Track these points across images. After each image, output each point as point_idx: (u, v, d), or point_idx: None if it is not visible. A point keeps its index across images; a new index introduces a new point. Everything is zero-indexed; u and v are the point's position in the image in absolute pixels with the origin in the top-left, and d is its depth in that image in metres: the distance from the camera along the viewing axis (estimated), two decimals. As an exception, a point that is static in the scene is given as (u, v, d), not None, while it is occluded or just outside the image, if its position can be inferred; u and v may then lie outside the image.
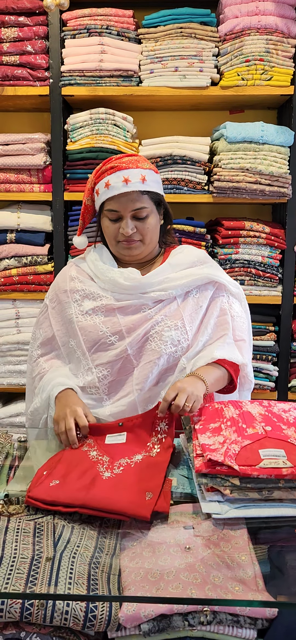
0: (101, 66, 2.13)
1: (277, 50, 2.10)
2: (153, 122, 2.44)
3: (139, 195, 1.37)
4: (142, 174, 1.37)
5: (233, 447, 1.04)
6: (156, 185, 1.42)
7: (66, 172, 2.23)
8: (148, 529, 0.97)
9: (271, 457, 1.00)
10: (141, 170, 1.38)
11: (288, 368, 2.32)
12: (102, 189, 1.40)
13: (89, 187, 1.47)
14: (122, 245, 1.42)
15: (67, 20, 2.16)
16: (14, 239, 2.26)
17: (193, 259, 1.47)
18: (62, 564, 0.86)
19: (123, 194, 1.36)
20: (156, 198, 1.43)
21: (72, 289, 1.46)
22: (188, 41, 2.11)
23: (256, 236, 2.20)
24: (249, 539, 0.93)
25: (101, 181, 1.40)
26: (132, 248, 1.42)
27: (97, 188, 1.42)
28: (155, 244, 1.48)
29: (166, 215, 1.51)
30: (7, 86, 2.17)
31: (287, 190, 2.14)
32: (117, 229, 1.40)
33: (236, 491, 0.98)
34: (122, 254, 1.45)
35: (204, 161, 2.17)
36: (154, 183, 1.41)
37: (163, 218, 1.49)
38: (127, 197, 1.36)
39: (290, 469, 0.98)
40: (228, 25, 2.09)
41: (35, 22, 2.14)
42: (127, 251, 1.43)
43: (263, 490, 0.98)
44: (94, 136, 2.17)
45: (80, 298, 1.44)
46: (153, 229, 1.42)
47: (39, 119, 2.46)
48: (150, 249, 1.46)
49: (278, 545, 0.97)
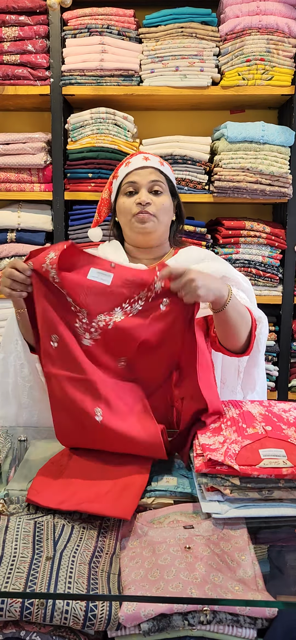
0: (102, 66, 2.13)
1: (278, 50, 2.10)
2: (154, 121, 2.44)
3: (157, 172, 1.45)
4: (160, 160, 1.48)
5: (233, 446, 1.04)
6: (171, 176, 1.50)
7: (66, 172, 2.23)
8: (149, 528, 0.97)
9: (272, 457, 1.00)
10: (159, 158, 1.50)
11: (288, 368, 2.32)
12: (121, 170, 1.47)
13: (109, 181, 1.53)
14: (137, 219, 1.42)
15: (68, 19, 2.16)
16: (15, 239, 2.26)
17: (202, 256, 1.47)
18: (62, 563, 0.86)
19: (142, 168, 1.43)
20: (171, 186, 1.49)
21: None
22: (189, 41, 2.11)
23: (257, 236, 2.20)
24: (249, 538, 0.93)
25: (121, 166, 1.49)
26: (146, 223, 1.41)
27: (117, 173, 1.49)
28: (166, 230, 1.48)
29: (178, 214, 1.54)
30: (8, 85, 2.17)
31: (288, 190, 2.14)
32: (132, 202, 1.43)
33: (236, 491, 0.98)
34: (135, 232, 1.43)
35: (205, 161, 2.17)
36: (170, 173, 1.50)
37: (176, 215, 1.53)
38: (146, 170, 1.43)
39: (290, 469, 0.97)
40: (229, 24, 2.09)
41: (35, 21, 2.14)
42: (141, 225, 1.41)
43: (263, 490, 0.98)
44: (95, 136, 2.17)
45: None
46: (166, 209, 1.45)
47: (39, 119, 2.46)
48: (161, 231, 1.46)
49: (278, 545, 0.97)
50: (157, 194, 1.43)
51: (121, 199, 1.46)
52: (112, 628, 0.78)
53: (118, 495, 1.04)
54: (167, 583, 0.83)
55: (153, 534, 0.95)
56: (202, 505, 0.98)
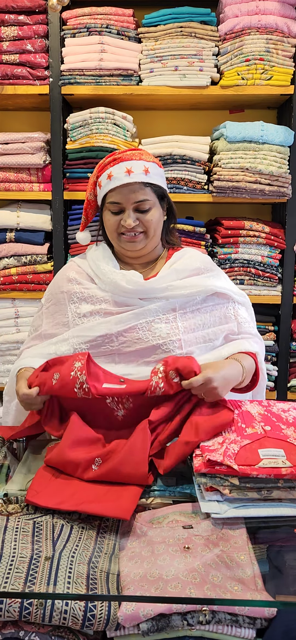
0: (101, 65, 2.13)
1: (277, 50, 2.10)
2: (153, 121, 2.44)
3: (142, 187, 1.35)
4: (145, 166, 1.36)
5: (233, 446, 1.04)
6: (159, 178, 1.40)
7: (66, 171, 2.23)
8: (148, 528, 0.97)
9: (271, 457, 1.00)
10: (144, 162, 1.37)
11: (287, 368, 2.32)
12: (104, 181, 1.38)
13: (92, 181, 1.45)
14: (124, 238, 1.38)
15: (67, 19, 2.16)
16: (14, 238, 2.26)
17: (199, 265, 1.42)
18: (61, 563, 0.86)
19: (126, 185, 1.34)
20: (159, 192, 1.40)
21: (69, 291, 1.42)
22: (188, 40, 2.11)
23: (256, 236, 2.20)
24: (248, 538, 0.93)
25: (104, 173, 1.39)
26: (135, 242, 1.38)
27: (100, 181, 1.40)
28: (158, 239, 1.44)
29: (170, 212, 1.48)
30: (7, 85, 2.17)
31: (287, 189, 2.14)
32: (118, 222, 1.37)
33: (235, 491, 0.98)
34: (124, 249, 1.41)
35: (204, 160, 2.17)
36: (157, 176, 1.39)
37: (167, 214, 1.47)
38: (129, 188, 1.34)
39: (289, 469, 0.98)
40: (228, 24, 2.09)
41: (35, 20, 2.14)
42: (130, 245, 1.39)
43: (263, 490, 0.98)
44: (94, 135, 2.17)
45: (78, 300, 1.40)
46: (156, 222, 1.39)
47: (38, 118, 2.46)
48: (154, 244, 1.43)
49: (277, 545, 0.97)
50: (144, 212, 1.36)
51: (106, 214, 1.40)
52: (111, 628, 0.78)
53: (118, 495, 1.04)
54: (166, 583, 0.83)
55: (153, 534, 0.95)
56: (201, 505, 0.98)
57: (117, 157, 1.38)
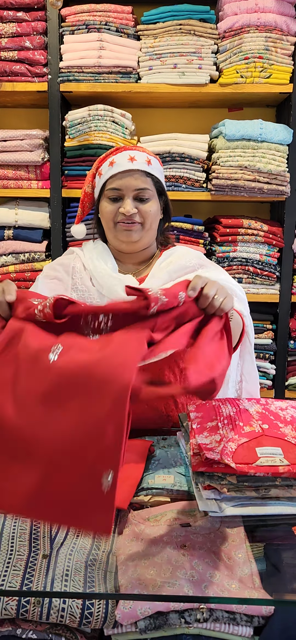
0: (100, 62, 2.13)
1: (276, 48, 2.09)
2: (152, 119, 2.44)
3: (143, 176, 1.35)
4: (147, 157, 1.38)
5: (230, 445, 1.04)
6: (160, 174, 1.41)
7: (64, 169, 2.23)
8: (145, 526, 0.97)
9: (268, 455, 1.00)
10: (147, 154, 1.39)
11: (285, 366, 2.32)
12: (105, 169, 1.37)
13: (91, 173, 1.45)
14: (121, 227, 1.36)
15: (66, 16, 2.15)
16: (12, 236, 2.26)
17: (193, 262, 1.41)
18: (58, 562, 0.86)
19: (128, 172, 1.34)
20: (158, 186, 1.40)
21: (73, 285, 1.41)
22: (187, 38, 2.10)
23: (255, 234, 2.20)
24: (246, 536, 0.93)
25: (105, 162, 1.38)
26: (132, 231, 1.36)
27: (100, 170, 1.39)
28: (153, 234, 1.43)
29: (165, 212, 1.47)
30: (5, 82, 2.16)
31: (285, 188, 2.14)
32: (116, 210, 1.35)
33: (233, 489, 0.98)
34: (119, 239, 1.38)
35: (203, 159, 2.17)
36: (158, 171, 1.40)
37: (163, 213, 1.46)
38: (131, 175, 1.34)
39: (287, 467, 0.98)
40: (228, 22, 2.09)
41: (33, 17, 2.13)
42: (126, 234, 1.36)
43: (260, 488, 0.98)
44: (92, 133, 2.16)
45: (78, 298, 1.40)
46: (154, 214, 1.38)
47: (37, 115, 2.45)
48: (149, 238, 1.41)
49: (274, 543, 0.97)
50: (143, 201, 1.36)
51: (104, 202, 1.38)
52: (108, 626, 0.78)
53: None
54: (164, 581, 0.83)
55: (150, 532, 0.95)
56: (199, 503, 0.98)
57: (120, 147, 1.40)
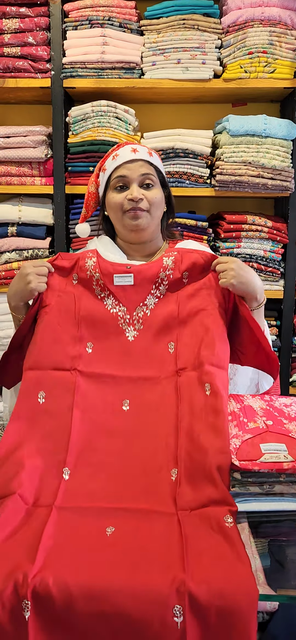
0: (103, 58, 2.12)
1: (281, 43, 2.08)
2: (155, 115, 2.43)
3: (146, 164, 1.41)
4: (148, 150, 1.45)
5: (234, 441, 1.04)
6: (161, 166, 1.47)
7: (67, 165, 2.22)
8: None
9: (273, 452, 1.00)
10: (147, 148, 1.45)
11: (289, 363, 2.31)
12: (109, 163, 1.43)
13: (94, 174, 1.49)
14: (129, 215, 1.40)
15: (69, 11, 2.15)
16: (15, 233, 2.26)
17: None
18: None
19: (131, 161, 1.39)
20: (161, 177, 1.45)
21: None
22: (190, 33, 2.09)
23: (259, 230, 2.19)
24: (250, 532, 0.93)
25: (108, 158, 1.44)
26: (139, 218, 1.39)
27: (104, 166, 1.45)
28: (159, 224, 1.47)
29: (169, 205, 1.51)
30: (8, 78, 2.16)
31: (290, 184, 2.13)
32: (123, 198, 1.39)
33: (237, 485, 0.98)
34: (128, 228, 1.41)
35: (206, 154, 2.16)
36: (159, 164, 1.46)
37: (166, 206, 1.50)
38: (135, 162, 1.40)
39: (291, 464, 0.98)
40: (231, 16, 2.08)
41: (36, 13, 2.12)
42: (134, 221, 1.40)
43: (264, 484, 0.98)
44: (96, 129, 2.16)
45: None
46: (159, 202, 1.42)
47: (40, 112, 2.45)
48: (154, 228, 1.45)
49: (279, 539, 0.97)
50: (149, 188, 1.40)
51: (111, 194, 1.42)
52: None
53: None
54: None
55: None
56: (203, 499, 0.98)
57: (121, 144, 1.45)
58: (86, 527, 0.91)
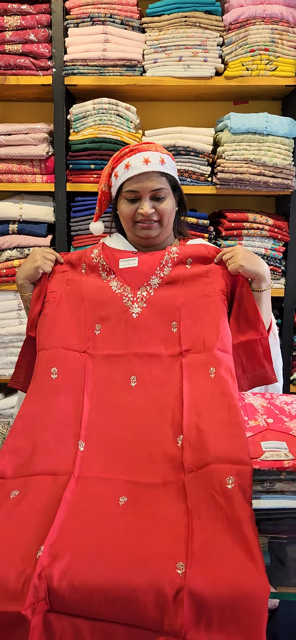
0: (104, 55, 2.12)
1: (282, 40, 2.07)
2: (157, 112, 2.43)
3: (158, 176, 1.42)
4: (161, 157, 1.43)
5: (235, 439, 1.04)
6: (173, 170, 1.47)
7: (69, 163, 2.22)
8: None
9: (273, 450, 1.00)
10: (160, 153, 1.44)
11: (290, 361, 2.32)
12: (121, 171, 1.43)
13: (106, 173, 1.50)
14: (140, 226, 1.43)
15: (70, 8, 2.14)
16: (16, 230, 2.26)
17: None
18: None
19: (143, 174, 1.40)
20: (173, 182, 1.46)
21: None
22: (192, 30, 2.09)
23: (260, 228, 2.19)
24: (250, 530, 0.93)
25: (120, 164, 1.44)
26: (151, 230, 1.43)
27: (116, 171, 1.45)
28: (170, 228, 1.50)
29: (180, 204, 1.54)
30: (10, 75, 2.16)
31: (291, 182, 2.13)
32: (134, 210, 1.42)
33: (238, 483, 0.98)
34: (139, 237, 1.46)
35: (208, 152, 2.16)
36: (171, 168, 1.46)
37: (178, 205, 1.52)
38: (147, 177, 1.40)
39: (292, 461, 0.98)
40: (233, 14, 2.07)
41: (38, 10, 2.12)
42: (145, 232, 1.44)
43: (265, 482, 0.98)
44: (97, 126, 2.16)
45: None
46: (170, 211, 1.45)
47: (41, 109, 2.45)
48: (166, 233, 1.48)
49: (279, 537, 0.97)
50: (160, 200, 1.42)
51: (122, 203, 1.45)
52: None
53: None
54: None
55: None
56: (204, 497, 0.98)
57: (133, 148, 1.44)
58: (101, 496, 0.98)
